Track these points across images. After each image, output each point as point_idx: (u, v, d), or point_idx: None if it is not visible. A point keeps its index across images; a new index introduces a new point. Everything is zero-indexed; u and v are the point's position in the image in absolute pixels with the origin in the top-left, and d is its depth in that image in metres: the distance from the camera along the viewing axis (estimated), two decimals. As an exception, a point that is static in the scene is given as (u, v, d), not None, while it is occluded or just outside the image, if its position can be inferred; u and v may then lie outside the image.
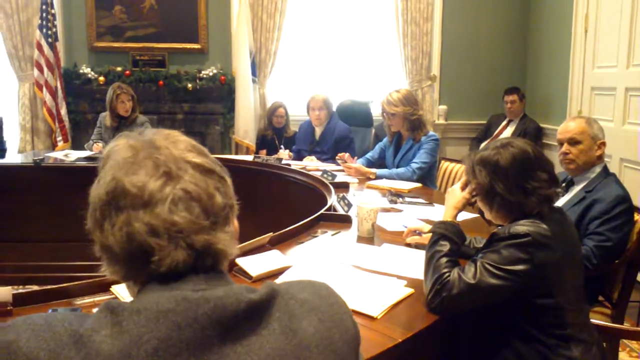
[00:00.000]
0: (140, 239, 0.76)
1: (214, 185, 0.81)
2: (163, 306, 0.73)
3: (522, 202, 1.69)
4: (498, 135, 5.45)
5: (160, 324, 0.71)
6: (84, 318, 0.74)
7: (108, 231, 0.78)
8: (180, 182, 0.78)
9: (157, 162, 0.79)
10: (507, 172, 1.71)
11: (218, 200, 0.81)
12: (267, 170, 3.94)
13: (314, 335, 0.81)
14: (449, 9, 5.95)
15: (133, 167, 0.78)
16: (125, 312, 0.72)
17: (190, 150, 0.83)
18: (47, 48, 5.24)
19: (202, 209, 0.79)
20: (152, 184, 0.77)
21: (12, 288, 1.49)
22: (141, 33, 5.73)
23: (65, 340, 0.71)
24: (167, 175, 0.78)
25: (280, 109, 5.39)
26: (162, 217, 0.76)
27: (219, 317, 0.74)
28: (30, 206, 3.97)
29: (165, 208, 0.76)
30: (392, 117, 3.75)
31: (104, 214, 0.78)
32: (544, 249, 1.59)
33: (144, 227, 0.75)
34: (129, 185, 0.76)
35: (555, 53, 5.41)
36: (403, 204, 2.96)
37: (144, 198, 0.76)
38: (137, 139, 0.83)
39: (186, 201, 0.77)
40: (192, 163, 0.81)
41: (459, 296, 1.57)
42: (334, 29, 6.01)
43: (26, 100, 5.52)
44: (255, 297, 0.78)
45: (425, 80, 5.96)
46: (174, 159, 0.80)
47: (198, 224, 0.78)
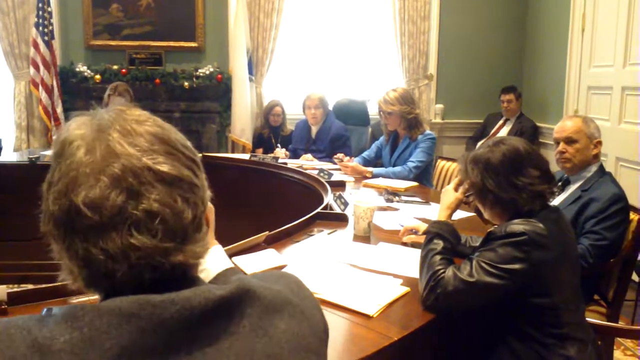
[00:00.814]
0: (99, 265, 0.70)
1: (182, 198, 0.72)
2: (126, 310, 0.68)
3: (514, 199, 1.70)
4: (495, 134, 5.45)
5: (123, 329, 0.67)
6: (44, 322, 0.69)
7: (64, 250, 0.72)
8: (143, 201, 0.69)
9: (115, 177, 0.69)
10: (498, 169, 1.73)
11: (187, 215, 0.73)
12: (264, 169, 3.93)
13: (285, 332, 0.79)
14: (446, 8, 5.95)
15: (89, 181, 0.69)
16: (87, 317, 0.67)
17: (155, 151, 0.72)
18: (43, 46, 5.22)
19: (168, 229, 0.71)
20: (110, 203, 0.68)
21: (6, 287, 1.49)
22: (138, 31, 5.72)
23: (23, 350, 0.66)
24: (127, 191, 0.69)
25: (277, 108, 5.38)
26: (120, 242, 0.69)
27: (186, 319, 0.70)
28: (25, 205, 3.89)
29: (124, 232, 0.69)
30: (388, 116, 3.75)
31: (59, 231, 0.72)
32: (540, 248, 1.60)
33: (102, 254, 0.69)
34: (84, 207, 0.68)
35: (552, 52, 5.41)
36: (399, 202, 2.96)
37: (101, 221, 0.68)
38: (93, 135, 0.73)
39: (149, 223, 0.69)
40: (157, 173, 0.71)
41: (454, 294, 1.57)
42: (331, 28, 6.00)
43: (22, 99, 5.49)
44: (224, 293, 0.74)
45: (422, 79, 5.96)
46: (135, 170, 0.70)
47: (162, 247, 0.70)
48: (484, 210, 1.82)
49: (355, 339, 1.44)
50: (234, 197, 3.52)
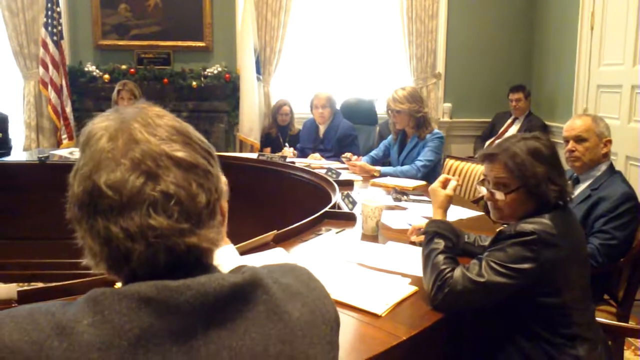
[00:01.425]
0: (118, 244, 0.73)
1: (197, 183, 0.76)
2: (144, 294, 0.71)
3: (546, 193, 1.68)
4: (503, 133, 5.43)
5: (142, 312, 0.70)
6: (67, 307, 0.73)
7: (86, 231, 0.76)
8: (160, 183, 0.73)
9: (135, 160, 0.74)
10: (548, 159, 1.71)
11: (201, 199, 0.77)
12: (272, 168, 3.94)
13: (299, 320, 0.81)
14: (454, 7, 5.93)
15: (110, 165, 0.74)
16: (107, 301, 0.71)
17: (173, 140, 0.77)
18: (52, 46, 5.24)
19: (183, 211, 0.75)
20: (130, 184, 0.73)
21: (17, 285, 1.50)
22: (146, 31, 5.74)
23: (47, 331, 0.70)
24: (146, 174, 0.73)
25: (285, 107, 5.39)
26: (139, 222, 0.72)
27: (201, 303, 0.73)
28: (34, 204, 3.97)
29: (142, 212, 0.73)
30: (397, 114, 3.74)
31: (82, 212, 0.75)
32: (550, 247, 1.59)
33: (121, 233, 0.73)
34: (105, 188, 0.73)
35: (561, 50, 5.38)
36: (407, 201, 2.95)
37: (121, 201, 0.72)
38: (116, 126, 0.77)
39: (165, 204, 0.73)
40: (174, 159, 0.76)
41: (463, 293, 1.57)
42: (338, 27, 6.00)
43: (31, 98, 5.53)
44: (238, 280, 0.77)
45: (430, 78, 5.95)
46: (154, 155, 0.75)
47: (178, 227, 0.74)
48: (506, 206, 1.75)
49: (364, 338, 1.44)
50: (242, 196, 3.51)
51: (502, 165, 1.74)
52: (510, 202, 1.73)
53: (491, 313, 1.73)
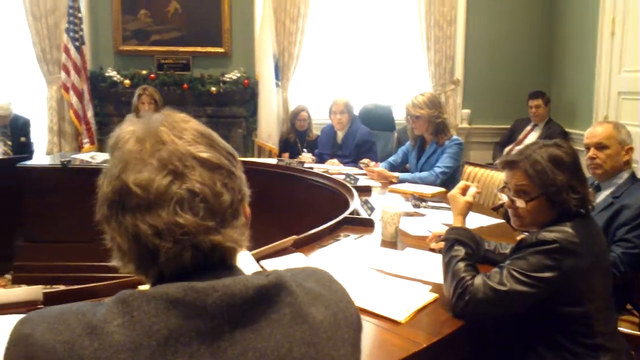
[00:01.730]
0: (146, 241, 0.75)
1: (221, 182, 0.79)
2: (172, 296, 0.73)
3: (567, 201, 1.67)
4: (522, 140, 5.40)
5: (170, 314, 0.72)
6: (97, 308, 0.75)
7: (115, 229, 0.78)
8: (186, 182, 0.76)
9: (162, 160, 0.76)
10: (570, 166, 1.70)
11: (225, 198, 0.79)
12: (290, 174, 3.95)
13: (322, 322, 0.82)
14: (473, 12, 5.92)
15: (138, 165, 0.76)
16: (136, 302, 0.73)
17: (198, 143, 0.80)
18: (74, 51, 5.32)
19: (208, 209, 0.77)
20: (157, 183, 0.75)
21: (42, 287, 1.52)
22: (166, 37, 5.80)
23: (78, 331, 0.72)
24: (172, 173, 0.76)
25: (303, 113, 5.41)
26: (167, 219, 0.75)
27: (227, 304, 0.74)
28: (57, 207, 4.03)
29: (170, 210, 0.75)
30: (416, 119, 3.73)
31: (111, 211, 0.78)
32: (572, 256, 1.58)
33: (149, 230, 0.75)
34: (134, 186, 0.75)
35: (581, 56, 5.34)
36: (426, 208, 2.95)
37: (148, 199, 0.75)
38: (144, 130, 0.80)
39: (191, 202, 0.76)
40: (199, 159, 0.78)
41: (484, 301, 1.56)
42: (357, 33, 6.01)
43: (54, 103, 5.61)
44: (263, 282, 0.78)
45: (448, 84, 5.93)
46: (180, 156, 0.77)
47: (204, 225, 0.76)
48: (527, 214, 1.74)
49: (384, 344, 1.44)
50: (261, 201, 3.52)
51: (522, 172, 1.73)
52: (530, 209, 1.72)
53: (513, 322, 1.72)
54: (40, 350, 0.71)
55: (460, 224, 1.90)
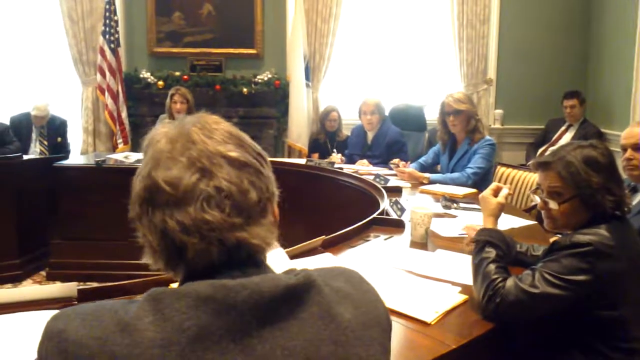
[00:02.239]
0: (174, 237, 0.77)
1: (248, 180, 0.80)
2: (202, 293, 0.74)
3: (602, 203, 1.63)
4: (557, 140, 5.30)
5: (200, 311, 0.73)
6: (129, 306, 0.76)
7: (146, 226, 0.80)
8: (214, 179, 0.78)
9: (191, 159, 0.79)
10: (606, 168, 1.67)
11: (252, 196, 0.80)
12: (320, 174, 3.96)
13: (351, 321, 0.82)
14: (506, 11, 5.84)
15: (168, 163, 0.79)
16: (167, 300, 0.74)
17: (227, 142, 0.82)
18: (109, 53, 5.43)
19: (235, 206, 0.78)
20: (186, 180, 0.77)
21: (76, 284, 1.56)
22: (199, 39, 5.87)
23: (111, 328, 0.73)
24: (201, 171, 0.78)
25: (333, 113, 5.41)
26: (194, 216, 0.76)
27: (256, 302, 0.75)
28: (91, 206, 4.11)
29: (197, 206, 0.77)
30: (457, 115, 3.67)
31: (142, 209, 0.80)
32: (606, 258, 1.54)
33: (177, 226, 0.77)
34: (163, 183, 0.77)
35: (618, 55, 5.22)
36: (457, 209, 2.91)
37: (177, 196, 0.77)
38: (176, 130, 0.83)
39: (218, 199, 0.77)
40: (228, 158, 0.80)
41: (515, 304, 1.53)
42: (388, 33, 5.99)
43: (89, 104, 5.73)
44: (292, 282, 0.79)
45: (481, 84, 5.87)
46: (208, 155, 0.79)
47: (230, 221, 0.78)
48: (560, 216, 1.71)
49: (412, 345, 1.43)
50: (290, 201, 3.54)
51: (555, 173, 1.70)
52: (564, 211, 1.69)
53: (545, 325, 1.69)
54: (73, 345, 0.73)
55: (492, 226, 1.87)
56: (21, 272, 4.09)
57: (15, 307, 1.45)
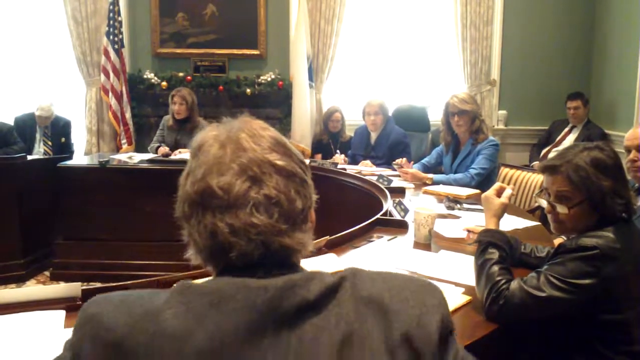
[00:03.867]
0: (222, 238, 0.81)
1: (295, 189, 0.84)
2: (225, 293, 0.77)
3: (612, 206, 1.62)
4: (560, 141, 5.29)
5: (220, 309, 0.76)
6: (156, 297, 0.81)
7: (194, 226, 0.84)
8: (264, 188, 0.81)
9: (242, 166, 0.82)
10: (614, 171, 1.65)
11: (298, 205, 0.84)
12: (323, 175, 3.95)
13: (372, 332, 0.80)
14: (510, 12, 5.84)
15: (221, 169, 0.82)
16: (191, 295, 0.78)
17: (275, 151, 0.85)
18: (113, 54, 5.44)
19: (282, 213, 0.82)
20: (238, 187, 0.81)
21: (80, 284, 1.56)
22: (202, 39, 5.88)
23: (139, 316, 0.78)
24: (251, 179, 0.81)
25: (336, 114, 5.41)
26: (244, 220, 0.80)
27: (275, 307, 0.77)
28: (94, 206, 4.12)
29: (247, 211, 0.80)
30: (462, 115, 3.67)
31: (192, 210, 0.84)
32: (612, 262, 1.53)
33: (226, 228, 0.80)
34: (217, 188, 0.81)
35: (622, 56, 5.21)
36: (461, 210, 2.91)
37: (229, 201, 0.81)
38: (226, 135, 0.86)
39: (267, 206, 0.81)
40: (276, 167, 0.83)
41: (519, 306, 1.53)
42: (391, 34, 5.99)
43: (93, 105, 5.74)
44: (310, 296, 0.79)
45: (484, 85, 5.86)
46: (258, 162, 0.83)
47: (277, 227, 0.81)
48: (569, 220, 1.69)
49: (416, 346, 1.42)
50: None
51: (564, 177, 1.67)
52: (573, 215, 1.67)
53: (548, 328, 1.68)
54: (104, 329, 0.78)
55: (494, 226, 1.86)
56: (25, 272, 4.10)
57: (19, 307, 1.46)
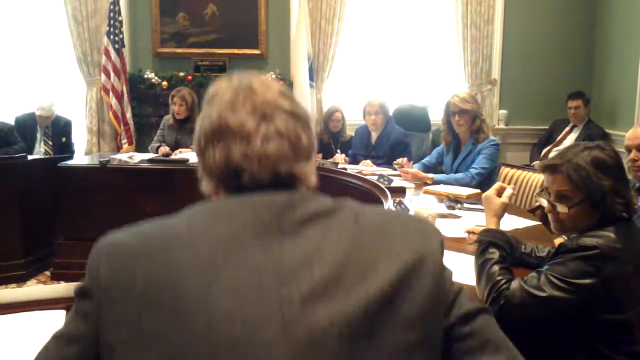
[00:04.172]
0: (235, 164, 0.88)
1: (301, 128, 0.92)
2: (232, 211, 0.84)
3: (612, 206, 1.62)
4: (561, 141, 5.29)
5: (227, 223, 0.83)
6: (169, 218, 0.87)
7: (209, 155, 0.90)
8: (274, 123, 0.89)
9: (254, 105, 0.90)
10: (614, 171, 1.65)
11: (304, 141, 0.92)
12: (323, 174, 3.95)
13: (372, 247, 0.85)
14: (510, 12, 5.83)
15: (236, 107, 0.90)
16: (200, 214, 0.86)
17: (283, 97, 0.93)
18: (114, 54, 5.44)
19: (290, 145, 0.90)
20: (250, 122, 0.89)
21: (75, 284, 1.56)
22: (203, 39, 5.88)
23: (153, 231, 0.85)
24: (262, 116, 0.89)
25: (337, 114, 5.40)
26: (256, 148, 0.88)
27: (282, 216, 0.84)
28: (95, 206, 4.12)
29: (258, 142, 0.88)
30: (462, 115, 3.66)
31: (208, 142, 0.91)
32: (612, 262, 1.53)
33: (239, 154, 0.88)
34: (232, 123, 0.89)
35: (623, 55, 5.21)
36: (462, 210, 2.91)
37: (242, 133, 0.88)
38: (239, 83, 0.94)
39: (277, 138, 0.89)
40: (284, 109, 0.91)
41: (520, 306, 1.53)
42: (392, 34, 5.99)
43: (93, 104, 5.74)
44: (321, 207, 0.87)
45: (485, 85, 5.86)
46: (268, 104, 0.91)
47: (285, 155, 0.89)
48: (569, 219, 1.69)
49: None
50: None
51: (565, 177, 1.67)
52: (573, 215, 1.67)
53: (548, 328, 1.68)
54: (119, 247, 0.84)
55: (495, 226, 1.86)
56: (25, 272, 4.09)
57: (19, 307, 1.46)
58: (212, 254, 0.80)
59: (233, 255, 0.80)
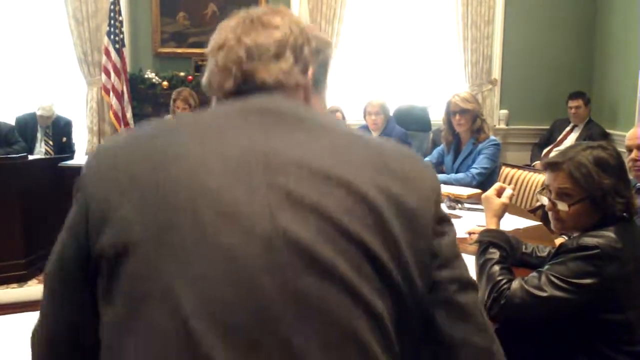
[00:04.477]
0: (232, 65, 0.95)
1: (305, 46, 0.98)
2: (231, 108, 0.90)
3: (613, 205, 1.62)
4: (562, 141, 5.28)
5: (227, 117, 0.88)
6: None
7: (211, 64, 0.99)
8: (245, 40, 0.96)
9: (239, 18, 0.99)
10: (615, 170, 1.65)
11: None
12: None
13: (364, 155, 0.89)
14: (511, 12, 5.83)
15: (220, 29, 1.00)
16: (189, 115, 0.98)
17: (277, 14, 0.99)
18: (114, 54, 5.43)
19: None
20: (230, 38, 0.97)
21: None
22: (204, 39, 5.81)
23: (140, 132, 0.90)
24: (247, 49, 0.95)
25: (337, 114, 5.39)
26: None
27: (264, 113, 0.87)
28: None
29: (245, 61, 0.94)
30: (463, 114, 3.65)
31: (212, 54, 0.99)
32: (613, 262, 1.53)
33: (240, 54, 0.94)
34: (221, 41, 0.98)
35: (623, 55, 5.20)
36: (462, 210, 2.91)
37: (247, 51, 0.95)
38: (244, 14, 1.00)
39: (279, 50, 0.95)
40: (263, 23, 0.97)
41: (520, 306, 1.53)
42: (392, 34, 5.99)
43: (94, 104, 5.74)
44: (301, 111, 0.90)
45: (485, 84, 5.86)
46: (252, 19, 0.99)
47: (289, 70, 0.95)
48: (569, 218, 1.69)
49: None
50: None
51: (566, 174, 1.67)
52: (573, 213, 1.67)
53: (549, 328, 1.68)
54: (107, 145, 0.91)
55: (495, 226, 1.86)
56: (26, 272, 4.09)
57: (20, 307, 1.46)
58: (197, 135, 0.83)
59: (217, 138, 0.82)
